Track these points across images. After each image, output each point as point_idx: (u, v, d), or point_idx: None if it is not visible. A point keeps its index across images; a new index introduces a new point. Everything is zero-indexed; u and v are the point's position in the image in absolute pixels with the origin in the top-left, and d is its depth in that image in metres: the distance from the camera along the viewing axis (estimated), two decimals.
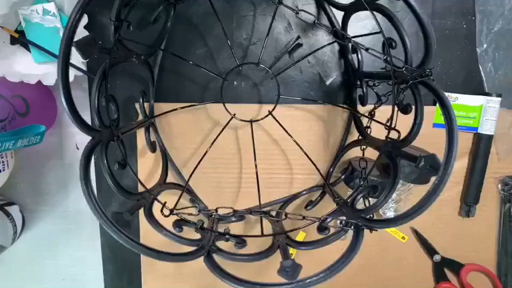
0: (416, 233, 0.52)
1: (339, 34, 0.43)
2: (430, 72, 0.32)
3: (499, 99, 0.48)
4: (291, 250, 0.34)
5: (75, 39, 0.29)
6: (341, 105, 0.48)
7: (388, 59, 0.34)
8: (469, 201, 0.50)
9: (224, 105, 0.39)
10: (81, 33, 0.40)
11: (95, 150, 0.32)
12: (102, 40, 0.32)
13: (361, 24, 0.46)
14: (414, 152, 0.35)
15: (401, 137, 0.36)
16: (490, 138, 0.49)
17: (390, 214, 0.49)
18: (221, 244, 0.34)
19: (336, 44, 0.47)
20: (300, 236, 0.51)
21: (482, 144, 0.49)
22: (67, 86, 0.29)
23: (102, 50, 0.32)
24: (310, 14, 0.38)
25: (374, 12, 0.34)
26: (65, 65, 0.29)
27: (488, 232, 0.52)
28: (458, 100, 0.48)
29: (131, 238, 0.30)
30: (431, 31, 0.32)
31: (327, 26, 0.45)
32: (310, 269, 0.30)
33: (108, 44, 0.33)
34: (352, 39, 0.38)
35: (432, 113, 0.48)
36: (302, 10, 0.38)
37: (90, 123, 0.33)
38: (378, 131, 0.41)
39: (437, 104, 0.47)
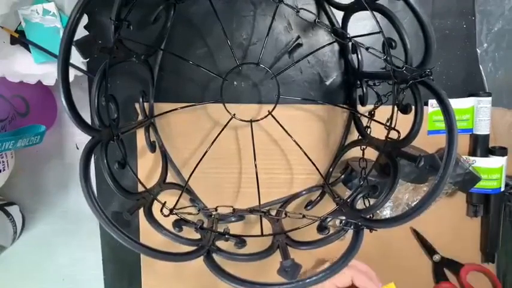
0: (416, 233, 0.52)
1: (339, 33, 0.43)
2: (430, 72, 0.32)
3: (490, 98, 0.48)
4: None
5: (75, 38, 0.29)
6: (341, 105, 0.48)
7: (388, 58, 0.34)
8: (475, 201, 0.50)
9: (224, 105, 0.39)
10: (81, 33, 0.40)
11: (95, 150, 0.32)
12: (102, 40, 0.32)
13: (361, 24, 0.46)
14: (414, 152, 0.35)
15: (401, 137, 0.36)
16: (486, 137, 0.49)
17: (386, 213, 0.49)
18: (221, 244, 0.34)
19: (336, 44, 0.47)
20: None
21: (479, 145, 0.49)
22: (67, 86, 0.29)
23: (102, 50, 0.32)
24: (311, 12, 0.38)
25: (374, 12, 0.34)
26: (64, 64, 0.28)
27: None
28: None
29: (131, 238, 0.30)
30: (431, 31, 0.32)
31: (327, 25, 0.45)
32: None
33: (108, 43, 0.33)
34: (352, 38, 0.37)
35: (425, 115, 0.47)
36: (302, 9, 0.38)
37: (90, 123, 0.33)
38: (377, 131, 0.41)
39: (430, 110, 0.48)
